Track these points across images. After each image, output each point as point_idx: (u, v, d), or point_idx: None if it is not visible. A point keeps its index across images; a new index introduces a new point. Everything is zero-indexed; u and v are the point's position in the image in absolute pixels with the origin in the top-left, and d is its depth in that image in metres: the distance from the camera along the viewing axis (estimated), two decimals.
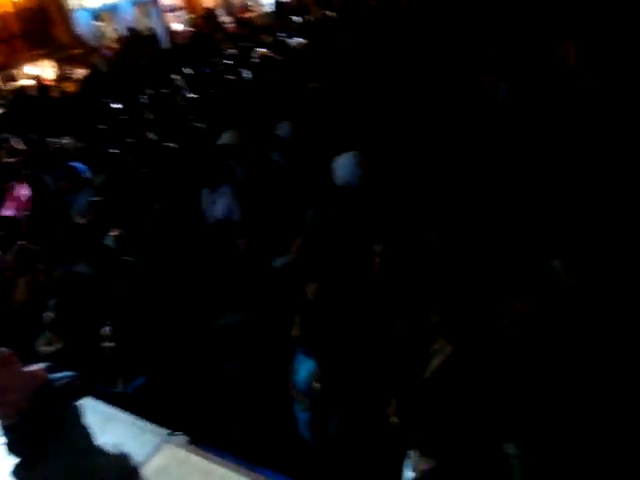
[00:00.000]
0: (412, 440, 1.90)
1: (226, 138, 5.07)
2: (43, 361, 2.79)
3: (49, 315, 3.66)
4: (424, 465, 1.89)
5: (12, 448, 2.48)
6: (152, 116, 6.67)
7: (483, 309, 2.47)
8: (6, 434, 2.50)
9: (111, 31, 18.70)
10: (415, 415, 1.87)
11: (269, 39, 8.42)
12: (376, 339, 2.42)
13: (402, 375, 2.20)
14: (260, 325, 3.22)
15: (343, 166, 3.87)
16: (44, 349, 3.65)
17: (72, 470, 2.36)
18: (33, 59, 14.99)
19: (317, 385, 2.39)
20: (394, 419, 1.93)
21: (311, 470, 2.45)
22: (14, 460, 2.44)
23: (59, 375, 2.91)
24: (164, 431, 2.29)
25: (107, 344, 3.08)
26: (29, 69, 14.93)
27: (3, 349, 2.50)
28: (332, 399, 2.34)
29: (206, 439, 2.27)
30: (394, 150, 3.97)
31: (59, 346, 3.58)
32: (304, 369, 2.62)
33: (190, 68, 8.21)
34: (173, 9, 18.40)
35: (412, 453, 1.95)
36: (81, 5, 17.73)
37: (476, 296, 2.54)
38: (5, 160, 6.89)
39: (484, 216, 3.17)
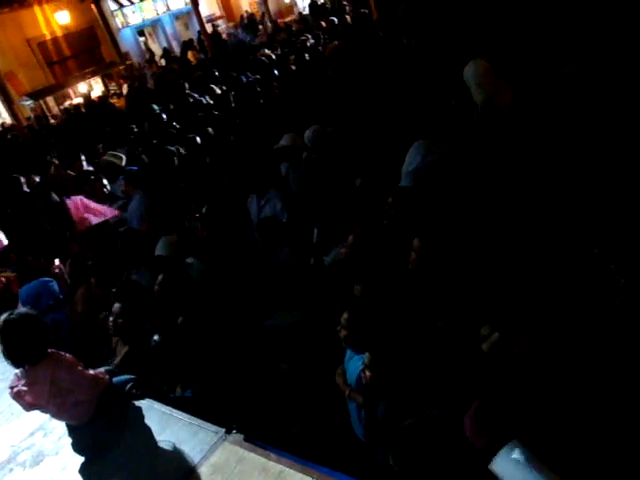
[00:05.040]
0: None
1: (285, 140, 4.92)
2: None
3: (116, 320, 3.70)
4: None
5: (78, 447, 2.61)
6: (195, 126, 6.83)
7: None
8: (73, 434, 2.63)
9: (154, 45, 19.34)
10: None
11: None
12: (418, 335, 2.41)
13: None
14: (313, 325, 3.24)
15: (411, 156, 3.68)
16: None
17: (134, 468, 2.46)
18: (84, 78, 15.87)
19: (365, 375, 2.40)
20: None
21: (364, 467, 2.46)
22: (80, 459, 2.56)
23: (121, 378, 3.04)
24: (220, 429, 2.35)
25: (156, 344, 3.17)
26: (81, 87, 15.83)
27: (68, 355, 2.63)
28: (380, 390, 2.34)
29: (262, 437, 2.32)
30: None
31: (126, 349, 3.67)
32: (353, 367, 2.64)
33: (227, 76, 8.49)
34: (212, 19, 18.88)
35: None
36: (126, 23, 18.41)
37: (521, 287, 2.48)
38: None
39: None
